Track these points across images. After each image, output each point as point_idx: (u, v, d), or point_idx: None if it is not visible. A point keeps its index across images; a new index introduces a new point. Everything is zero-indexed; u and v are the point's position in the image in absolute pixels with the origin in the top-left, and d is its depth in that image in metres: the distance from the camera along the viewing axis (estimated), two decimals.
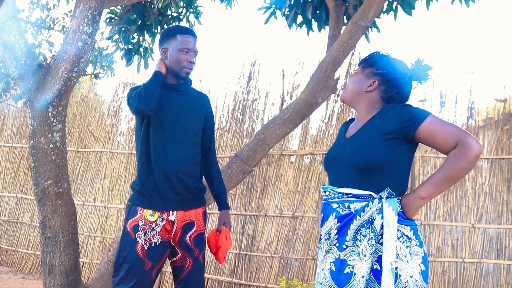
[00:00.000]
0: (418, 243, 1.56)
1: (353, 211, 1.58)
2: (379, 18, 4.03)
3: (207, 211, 3.46)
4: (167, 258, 2.28)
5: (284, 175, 4.73)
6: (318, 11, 4.11)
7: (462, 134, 1.51)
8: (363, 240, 1.54)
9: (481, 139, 4.25)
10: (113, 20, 4.46)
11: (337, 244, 1.60)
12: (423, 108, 1.65)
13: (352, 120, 1.83)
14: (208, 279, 4.74)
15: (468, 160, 1.47)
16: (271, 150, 3.87)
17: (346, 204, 1.59)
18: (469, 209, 4.13)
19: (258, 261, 4.63)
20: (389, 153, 1.58)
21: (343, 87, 1.88)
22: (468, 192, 4.17)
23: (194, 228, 2.25)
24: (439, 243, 4.15)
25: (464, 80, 4.42)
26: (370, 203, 1.55)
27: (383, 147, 1.58)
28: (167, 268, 4.69)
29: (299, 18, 4.20)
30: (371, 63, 1.75)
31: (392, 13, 3.97)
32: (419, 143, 1.65)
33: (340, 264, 1.57)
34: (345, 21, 3.96)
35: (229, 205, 2.46)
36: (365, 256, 1.52)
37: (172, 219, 2.20)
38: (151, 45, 4.70)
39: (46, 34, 4.73)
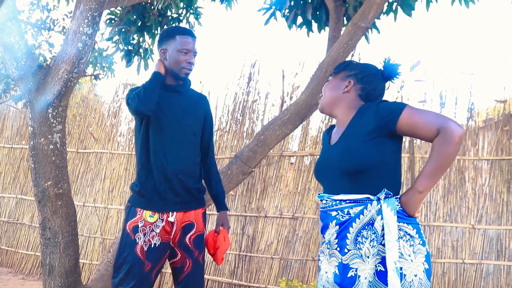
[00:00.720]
0: (421, 242, 1.56)
1: (352, 216, 1.58)
2: (379, 19, 4.04)
3: (207, 212, 3.46)
4: (167, 259, 2.27)
5: (284, 176, 4.73)
6: (318, 12, 4.11)
7: (442, 119, 1.51)
8: (365, 242, 1.54)
9: (481, 140, 4.25)
10: (113, 21, 4.47)
11: (338, 249, 1.60)
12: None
13: (332, 126, 1.84)
14: (208, 280, 4.74)
15: (453, 145, 1.47)
16: (271, 151, 3.88)
17: (345, 210, 1.59)
18: (469, 210, 4.13)
19: (258, 262, 4.63)
20: (375, 152, 1.58)
21: (321, 96, 1.89)
22: (468, 193, 4.17)
23: (194, 229, 2.25)
24: (439, 244, 4.15)
25: (464, 81, 4.43)
26: (369, 205, 1.55)
27: (368, 147, 1.58)
28: (167, 269, 4.69)
29: (299, 19, 4.20)
30: (343, 68, 1.79)
31: (392, 14, 3.97)
32: (418, 144, 1.66)
33: (343, 268, 1.57)
34: (345, 22, 3.96)
35: (229, 206, 2.47)
36: (368, 257, 1.53)
37: (172, 220, 2.19)
38: (151, 46, 4.70)
39: (46, 35, 4.74)
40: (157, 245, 2.18)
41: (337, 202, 1.61)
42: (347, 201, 1.59)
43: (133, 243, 2.16)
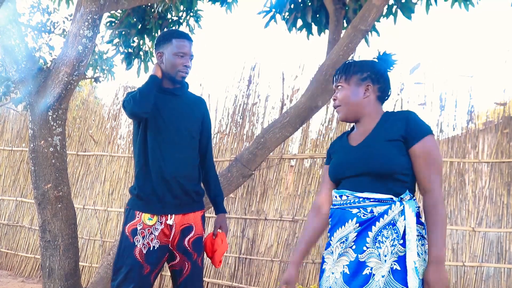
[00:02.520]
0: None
1: (376, 215, 1.60)
2: (379, 22, 4.05)
3: (207, 215, 3.46)
4: (166, 262, 2.27)
5: (284, 178, 4.73)
6: (318, 15, 4.12)
7: (439, 188, 1.60)
8: (385, 241, 1.57)
9: (481, 143, 4.25)
10: (113, 24, 4.48)
11: (354, 247, 1.61)
12: (423, 112, 1.69)
13: (344, 134, 1.85)
14: (208, 283, 4.73)
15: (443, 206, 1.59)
16: (271, 153, 3.88)
17: (369, 208, 1.61)
18: (469, 213, 4.13)
19: (258, 265, 4.62)
20: (403, 158, 1.62)
21: (334, 107, 1.87)
22: (468, 196, 4.16)
23: (193, 232, 2.24)
24: None
25: (464, 83, 4.43)
26: (393, 205, 1.58)
27: (397, 153, 1.62)
28: (167, 272, 4.68)
29: (299, 22, 4.21)
30: (352, 72, 1.76)
31: (391, 17, 3.98)
32: None
33: (359, 266, 1.59)
34: (345, 25, 3.97)
35: (229, 208, 2.47)
36: (385, 256, 1.55)
37: (171, 223, 2.19)
38: (151, 49, 4.71)
39: (47, 38, 4.75)
40: (156, 248, 2.18)
41: (361, 199, 1.63)
42: (372, 200, 1.61)
43: (132, 246, 2.16)
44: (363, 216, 1.61)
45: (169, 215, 2.20)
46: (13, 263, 5.60)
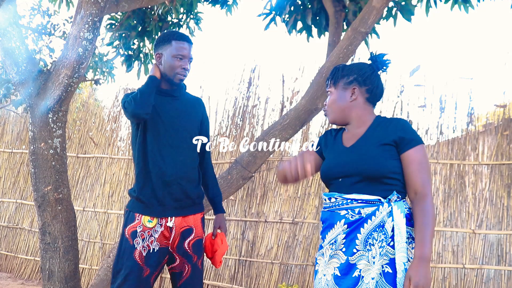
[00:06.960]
0: None
1: (364, 216, 1.60)
2: (379, 24, 4.06)
3: (206, 217, 3.45)
4: (166, 265, 2.27)
5: None
6: (318, 17, 4.13)
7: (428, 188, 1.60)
8: (375, 243, 1.57)
9: (481, 145, 4.25)
10: (113, 26, 4.49)
11: (344, 249, 1.62)
12: (423, 114, 1.69)
13: (335, 129, 1.86)
14: (208, 285, 4.72)
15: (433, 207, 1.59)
16: (271, 156, 3.88)
17: (356, 210, 1.62)
18: (469, 215, 4.12)
19: (258, 267, 4.61)
20: (395, 161, 1.63)
21: (325, 110, 1.88)
22: (468, 198, 4.16)
23: (193, 234, 2.24)
24: (439, 249, 4.14)
25: (464, 85, 4.43)
26: (381, 206, 1.59)
27: (389, 157, 1.63)
28: (167, 274, 4.68)
29: (299, 24, 4.22)
30: (338, 76, 1.78)
31: (391, 19, 3.99)
32: None
33: (349, 268, 1.59)
34: (345, 27, 3.98)
35: (229, 211, 2.46)
36: (373, 258, 1.56)
37: (170, 225, 2.19)
38: (151, 51, 4.72)
39: (47, 40, 4.75)
40: (155, 250, 2.17)
41: (349, 201, 1.63)
42: (359, 201, 1.61)
43: (132, 248, 2.16)
44: (351, 217, 1.62)
45: (169, 217, 2.19)
46: (13, 265, 5.59)
